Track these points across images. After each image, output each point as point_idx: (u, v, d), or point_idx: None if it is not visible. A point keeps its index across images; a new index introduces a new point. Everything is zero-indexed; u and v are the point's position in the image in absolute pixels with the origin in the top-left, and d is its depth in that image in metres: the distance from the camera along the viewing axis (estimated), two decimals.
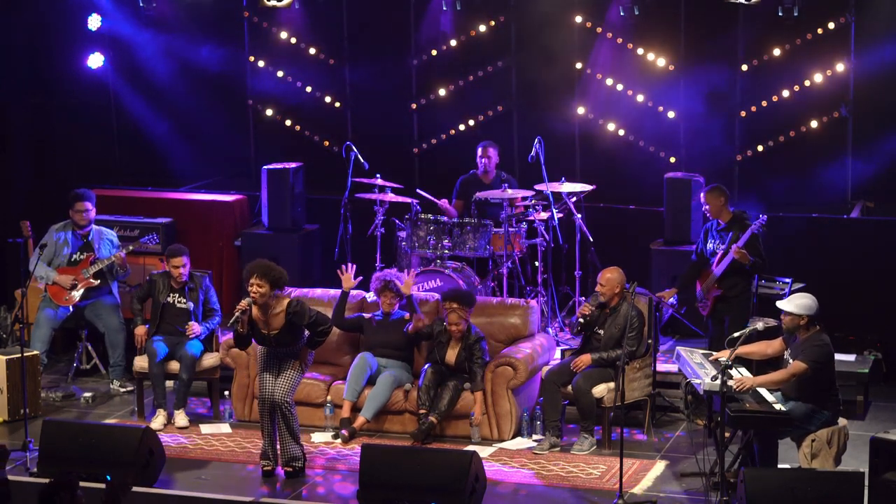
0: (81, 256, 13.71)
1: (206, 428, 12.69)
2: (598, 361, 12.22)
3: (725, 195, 12.95)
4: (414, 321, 12.56)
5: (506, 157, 14.91)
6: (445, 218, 14.11)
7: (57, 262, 13.68)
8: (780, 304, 11.05)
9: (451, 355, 12.42)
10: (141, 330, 12.99)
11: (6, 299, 15.08)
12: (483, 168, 14.61)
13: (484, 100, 15.86)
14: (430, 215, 14.12)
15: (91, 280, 13.65)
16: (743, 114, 15.04)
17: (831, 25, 14.64)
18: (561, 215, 14.24)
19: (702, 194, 13.16)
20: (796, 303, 10.95)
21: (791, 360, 10.88)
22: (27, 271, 13.49)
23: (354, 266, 12.87)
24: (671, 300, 13.16)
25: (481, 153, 14.62)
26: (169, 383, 13.16)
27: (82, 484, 8.57)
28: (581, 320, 12.41)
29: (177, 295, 13.05)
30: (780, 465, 11.04)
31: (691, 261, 13.18)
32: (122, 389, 13.64)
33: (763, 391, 10.92)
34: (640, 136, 15.42)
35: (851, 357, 13.34)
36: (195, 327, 12.92)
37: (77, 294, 13.63)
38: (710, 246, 12.98)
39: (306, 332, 11.50)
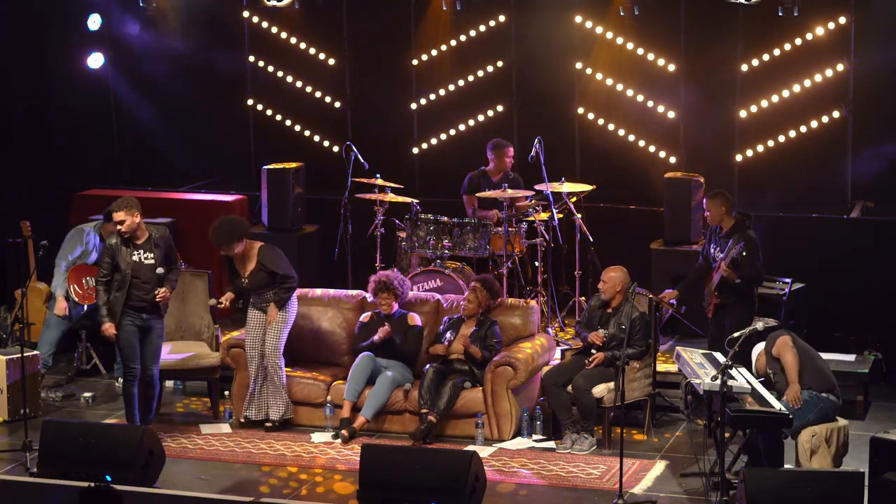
0: None
1: (206, 428, 12.68)
2: (610, 360, 12.22)
3: (728, 203, 12.63)
4: (380, 332, 12.59)
5: None
6: (445, 217, 14.09)
7: (81, 261, 13.60)
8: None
9: (466, 330, 12.48)
10: (109, 328, 11.85)
11: (6, 299, 15.06)
12: (498, 167, 14.52)
13: (484, 100, 15.86)
14: (429, 215, 14.11)
15: None
16: (743, 114, 15.04)
17: (831, 25, 14.64)
18: (561, 215, 14.24)
19: (704, 200, 12.99)
20: None
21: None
22: (27, 271, 13.46)
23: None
24: (670, 301, 13.13)
25: (501, 154, 14.49)
26: (169, 383, 13.18)
27: (80, 483, 8.55)
28: (593, 349, 12.39)
29: (141, 251, 11.89)
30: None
31: (698, 263, 13.02)
32: None
33: (763, 391, 10.92)
34: (640, 136, 15.42)
35: (851, 357, 13.32)
36: (166, 293, 11.92)
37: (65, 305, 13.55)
38: (712, 251, 12.91)
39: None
